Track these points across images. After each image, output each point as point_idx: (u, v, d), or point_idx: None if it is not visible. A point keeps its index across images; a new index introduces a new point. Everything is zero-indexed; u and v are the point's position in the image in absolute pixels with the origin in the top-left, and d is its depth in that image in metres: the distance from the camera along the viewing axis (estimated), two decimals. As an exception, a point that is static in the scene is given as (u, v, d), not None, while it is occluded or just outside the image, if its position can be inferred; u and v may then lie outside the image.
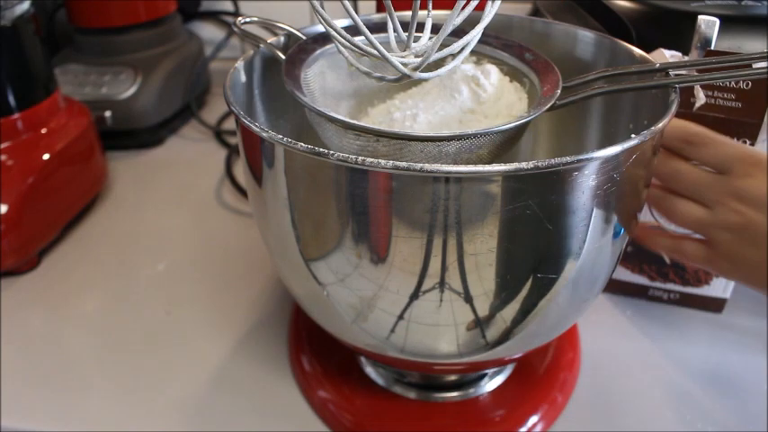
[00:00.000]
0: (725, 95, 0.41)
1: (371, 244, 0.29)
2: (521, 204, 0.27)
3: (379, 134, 0.30)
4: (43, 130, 0.56)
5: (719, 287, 0.48)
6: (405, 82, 0.33)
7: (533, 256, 0.30)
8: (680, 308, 0.50)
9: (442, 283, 0.29)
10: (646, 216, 0.44)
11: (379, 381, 0.43)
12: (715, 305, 0.49)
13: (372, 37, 0.28)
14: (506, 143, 0.33)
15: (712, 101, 0.41)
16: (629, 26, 0.47)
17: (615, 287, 0.51)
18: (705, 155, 0.36)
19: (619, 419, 0.41)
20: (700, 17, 0.39)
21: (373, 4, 0.60)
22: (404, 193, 0.27)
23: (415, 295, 0.30)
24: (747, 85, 0.40)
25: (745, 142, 0.41)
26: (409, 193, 0.27)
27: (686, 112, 0.41)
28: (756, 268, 0.35)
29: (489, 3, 0.30)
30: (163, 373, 0.45)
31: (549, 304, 0.32)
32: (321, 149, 0.26)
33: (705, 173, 0.36)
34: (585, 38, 0.41)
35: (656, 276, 0.49)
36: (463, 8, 0.28)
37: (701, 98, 0.40)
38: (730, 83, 0.40)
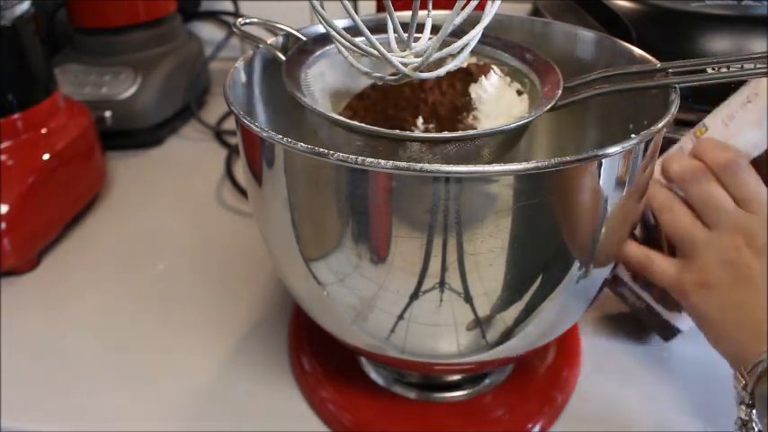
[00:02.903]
0: None
1: (371, 244, 0.29)
2: (521, 204, 0.27)
3: (379, 135, 0.30)
4: (43, 130, 0.56)
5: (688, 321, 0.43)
6: (404, 82, 0.33)
7: (534, 256, 0.30)
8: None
9: (442, 283, 0.29)
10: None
11: (379, 381, 0.43)
12: (668, 332, 0.45)
13: (372, 37, 0.28)
14: (507, 144, 0.33)
15: None
16: (629, 26, 0.47)
17: None
18: (737, 183, 0.35)
19: (619, 419, 0.41)
20: None
21: (373, 4, 0.60)
22: (404, 193, 0.27)
23: (415, 295, 0.30)
24: None
25: None
26: (409, 193, 0.27)
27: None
28: (724, 308, 0.34)
29: (489, 3, 0.30)
30: (163, 373, 0.45)
31: (550, 304, 0.32)
32: (321, 149, 0.26)
33: (728, 197, 0.35)
34: (585, 38, 0.41)
35: (638, 279, 0.45)
36: (463, 8, 0.28)
37: None
38: None
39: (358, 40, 0.30)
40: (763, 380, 0.31)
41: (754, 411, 0.32)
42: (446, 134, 0.30)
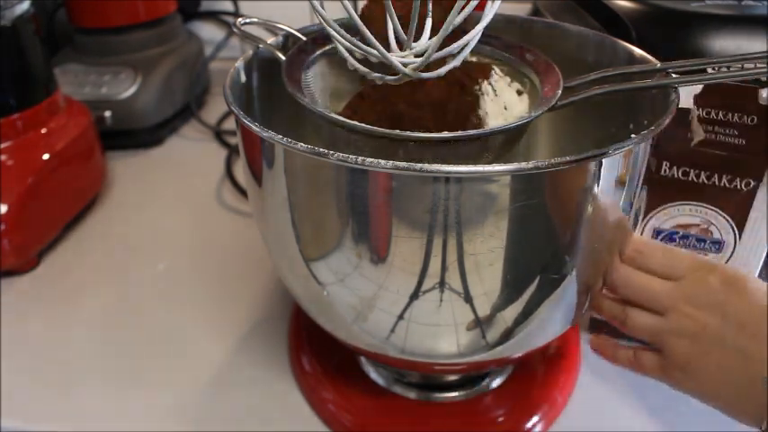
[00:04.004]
0: (726, 131, 0.37)
1: (371, 244, 0.29)
2: (521, 204, 0.27)
3: (379, 135, 0.30)
4: (43, 130, 0.56)
5: None
6: (404, 82, 0.33)
7: (534, 256, 0.30)
8: None
9: (441, 283, 0.29)
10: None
11: (379, 381, 0.43)
12: None
13: (372, 37, 0.28)
14: (507, 144, 0.33)
15: (713, 136, 0.38)
16: (630, 26, 0.47)
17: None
18: (655, 263, 0.36)
19: (618, 420, 0.41)
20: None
21: (373, 4, 0.60)
22: (404, 193, 0.27)
23: (415, 295, 0.30)
24: (752, 120, 0.37)
25: (748, 183, 0.38)
26: (409, 193, 0.27)
27: (684, 148, 0.39)
28: (709, 377, 0.34)
29: (489, 3, 0.30)
30: (163, 373, 0.45)
31: (550, 304, 0.32)
32: (321, 149, 0.26)
33: (656, 280, 0.36)
34: (585, 38, 0.41)
35: None
36: (463, 8, 0.28)
37: (699, 134, 0.38)
38: (733, 117, 0.37)
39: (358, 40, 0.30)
40: None
41: None
42: (446, 134, 0.30)
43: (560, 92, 0.33)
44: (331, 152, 0.26)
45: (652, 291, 0.36)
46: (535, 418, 0.40)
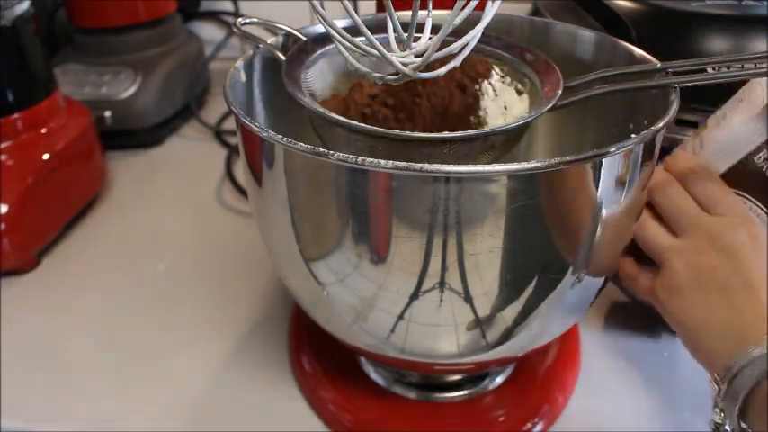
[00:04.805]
0: None
1: (371, 244, 0.29)
2: (521, 204, 0.27)
3: (379, 135, 0.30)
4: (43, 130, 0.56)
5: None
6: (405, 82, 0.33)
7: (534, 256, 0.30)
8: None
9: (441, 284, 0.29)
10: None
11: (379, 381, 0.43)
12: None
13: (372, 37, 0.28)
14: (507, 144, 0.33)
15: None
16: (630, 26, 0.47)
17: None
18: (701, 189, 0.36)
19: (618, 420, 0.41)
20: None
21: (373, 4, 0.60)
22: (404, 193, 0.27)
23: (415, 295, 0.30)
24: None
25: None
26: (409, 193, 0.27)
27: (743, 162, 0.38)
28: (692, 311, 0.34)
29: (489, 3, 0.30)
30: (163, 374, 0.45)
31: (550, 304, 0.32)
32: (321, 149, 0.26)
33: (693, 202, 0.36)
34: (585, 38, 0.41)
35: None
36: (463, 8, 0.28)
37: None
38: None
39: (358, 40, 0.30)
40: (735, 382, 0.31)
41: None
42: (446, 134, 0.30)
43: (560, 92, 0.33)
44: (331, 152, 0.26)
45: (683, 210, 0.36)
46: (536, 419, 0.40)
